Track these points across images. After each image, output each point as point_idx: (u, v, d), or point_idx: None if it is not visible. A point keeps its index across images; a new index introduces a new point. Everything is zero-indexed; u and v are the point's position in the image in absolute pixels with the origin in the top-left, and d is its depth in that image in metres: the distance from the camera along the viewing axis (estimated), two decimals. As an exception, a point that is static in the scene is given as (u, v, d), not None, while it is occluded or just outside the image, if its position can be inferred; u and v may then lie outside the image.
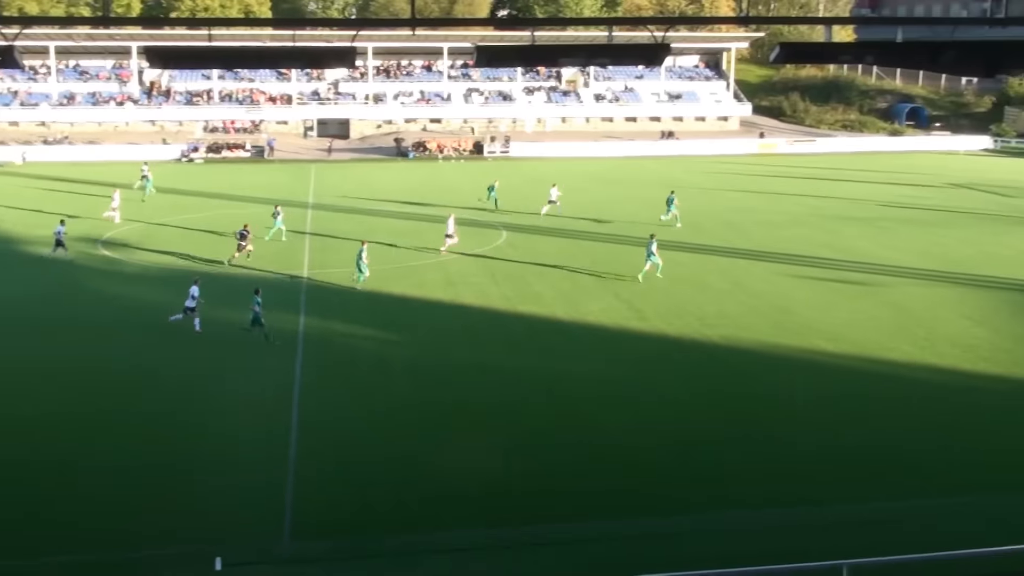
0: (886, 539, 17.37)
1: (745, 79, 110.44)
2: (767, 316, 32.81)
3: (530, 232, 47.40)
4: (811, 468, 21.15)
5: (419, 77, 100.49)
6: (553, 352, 29.25)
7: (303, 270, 39.10)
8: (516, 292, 35.95)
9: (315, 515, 18.94)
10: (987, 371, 27.46)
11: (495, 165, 76.99)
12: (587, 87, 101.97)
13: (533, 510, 19.11)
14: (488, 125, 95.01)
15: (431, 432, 23.03)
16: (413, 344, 30.01)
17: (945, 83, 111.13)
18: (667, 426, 23.50)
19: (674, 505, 19.35)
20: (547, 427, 23.40)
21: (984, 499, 19.63)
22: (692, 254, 42.40)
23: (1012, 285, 37.29)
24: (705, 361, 28.55)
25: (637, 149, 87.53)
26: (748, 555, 15.98)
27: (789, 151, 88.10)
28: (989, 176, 70.90)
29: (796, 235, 47.14)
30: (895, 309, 33.65)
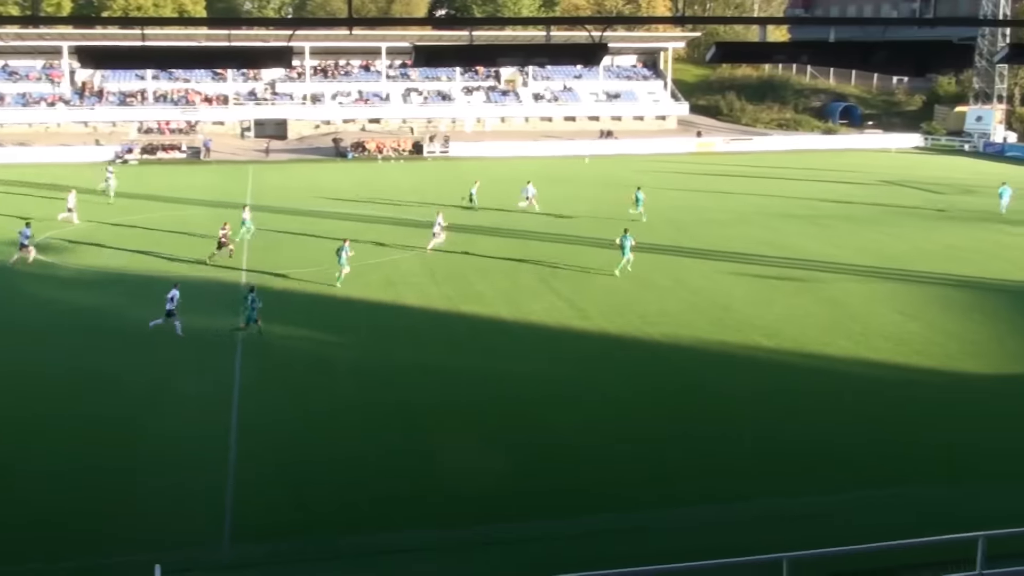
0: (823, 532, 17.64)
1: (682, 78, 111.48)
2: (707, 313, 33.16)
3: (471, 231, 47.39)
4: (750, 463, 21.43)
5: (357, 77, 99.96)
6: (496, 352, 29.29)
7: (241, 271, 38.67)
8: (457, 292, 35.93)
9: (256, 518, 18.76)
10: (920, 364, 28.02)
11: (444, 164, 76.82)
12: (526, 87, 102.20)
13: (479, 510, 19.11)
14: (427, 125, 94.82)
15: (374, 433, 22.94)
16: (354, 345, 29.86)
17: (877, 82, 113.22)
18: (611, 424, 23.64)
19: (619, 503, 19.47)
20: (491, 427, 23.44)
21: (916, 491, 20.03)
22: (633, 252, 42.64)
23: (943, 280, 38.09)
24: (647, 359, 28.78)
25: (576, 148, 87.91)
26: (690, 551, 16.12)
27: (726, 150, 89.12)
28: (920, 173, 72.31)
29: (736, 233, 47.69)
30: (831, 305, 34.21)
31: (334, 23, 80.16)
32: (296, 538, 18.03)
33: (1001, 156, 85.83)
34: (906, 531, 16.49)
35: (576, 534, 18.17)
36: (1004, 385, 26.48)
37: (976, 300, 35.11)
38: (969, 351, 29.17)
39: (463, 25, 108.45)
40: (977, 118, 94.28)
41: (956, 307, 34.05)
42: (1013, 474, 20.86)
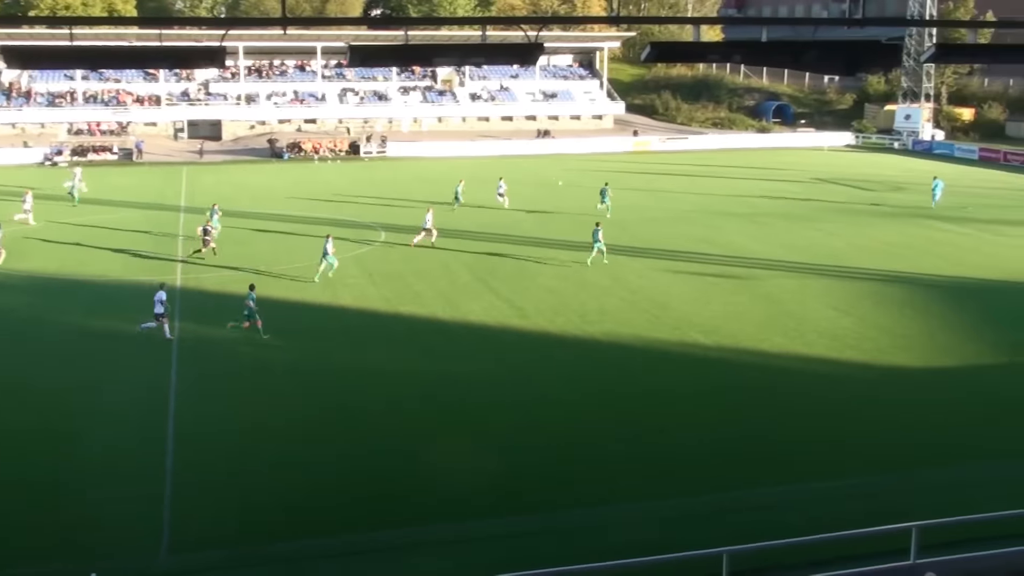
0: (762, 526, 17.86)
1: (618, 78, 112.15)
2: (646, 311, 33.39)
3: (409, 231, 47.18)
4: (689, 460, 21.62)
5: (292, 77, 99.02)
6: (435, 353, 29.20)
7: (176, 275, 38.11)
8: (396, 293, 35.76)
9: (195, 526, 18.49)
10: (853, 359, 28.50)
11: (381, 165, 76.41)
12: (463, 86, 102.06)
13: (418, 511, 19.04)
14: (364, 125, 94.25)
15: (314, 437, 22.73)
16: (292, 348, 29.57)
17: (809, 81, 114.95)
18: (551, 424, 23.69)
19: (562, 502, 19.52)
20: (431, 429, 23.35)
21: (851, 483, 20.35)
22: (571, 251, 42.83)
23: (876, 276, 38.77)
24: (587, 357, 28.89)
25: (514, 148, 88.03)
26: (632, 547, 16.22)
27: (662, 148, 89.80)
28: (851, 171, 73.53)
29: (673, 231, 48.07)
30: (767, 301, 34.64)
31: (268, 23, 79.41)
32: (236, 545, 17.80)
33: (929, 153, 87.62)
34: (843, 523, 16.76)
35: (517, 533, 18.18)
36: (934, 377, 27.04)
37: (908, 295, 35.78)
38: (901, 345, 29.72)
39: (399, 25, 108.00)
40: (906, 116, 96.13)
41: (888, 302, 34.67)
42: (943, 464, 21.28)
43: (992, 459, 21.57)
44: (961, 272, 39.47)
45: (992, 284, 37.72)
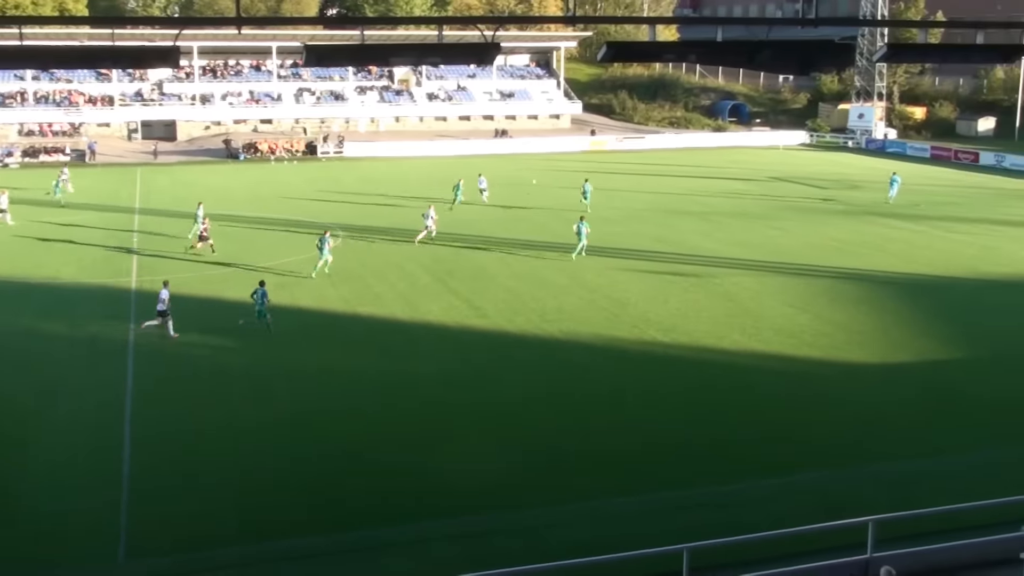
0: (722, 521, 17.99)
1: (575, 78, 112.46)
2: (604, 309, 33.50)
3: (367, 232, 47.04)
4: (648, 456, 21.71)
5: (248, 77, 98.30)
6: (394, 353, 29.11)
7: (131, 278, 37.68)
8: (354, 293, 35.61)
9: (153, 533, 18.27)
10: (810, 356, 28.78)
11: (338, 165, 75.98)
12: (420, 86, 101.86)
13: (376, 513, 18.96)
14: (321, 125, 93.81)
15: (271, 440, 22.55)
16: (250, 350, 29.34)
17: (764, 81, 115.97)
18: (510, 423, 23.70)
19: (521, 501, 19.53)
20: (389, 429, 23.26)
21: (808, 478, 20.56)
22: (530, 250, 42.90)
23: (831, 273, 39.19)
24: (546, 356, 28.93)
25: (472, 148, 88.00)
26: (590, 544, 16.27)
27: (619, 148, 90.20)
28: (806, 169, 74.27)
29: (631, 230, 48.26)
30: (725, 299, 34.89)
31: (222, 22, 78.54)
32: (194, 550, 17.63)
33: (882, 152, 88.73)
34: (800, 518, 16.90)
35: (476, 533, 18.18)
36: (889, 373, 27.38)
37: (863, 292, 36.21)
38: (856, 341, 30.06)
39: (354, 24, 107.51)
40: (859, 115, 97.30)
41: (844, 299, 35.05)
42: (898, 459, 21.55)
43: (945, 453, 21.87)
44: (914, 269, 40.00)
45: (944, 280, 38.26)
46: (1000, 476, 20.12)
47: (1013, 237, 46.95)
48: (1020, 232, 48.29)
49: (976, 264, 40.85)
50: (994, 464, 21.12)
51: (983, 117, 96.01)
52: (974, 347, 29.77)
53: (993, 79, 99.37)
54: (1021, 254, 42.94)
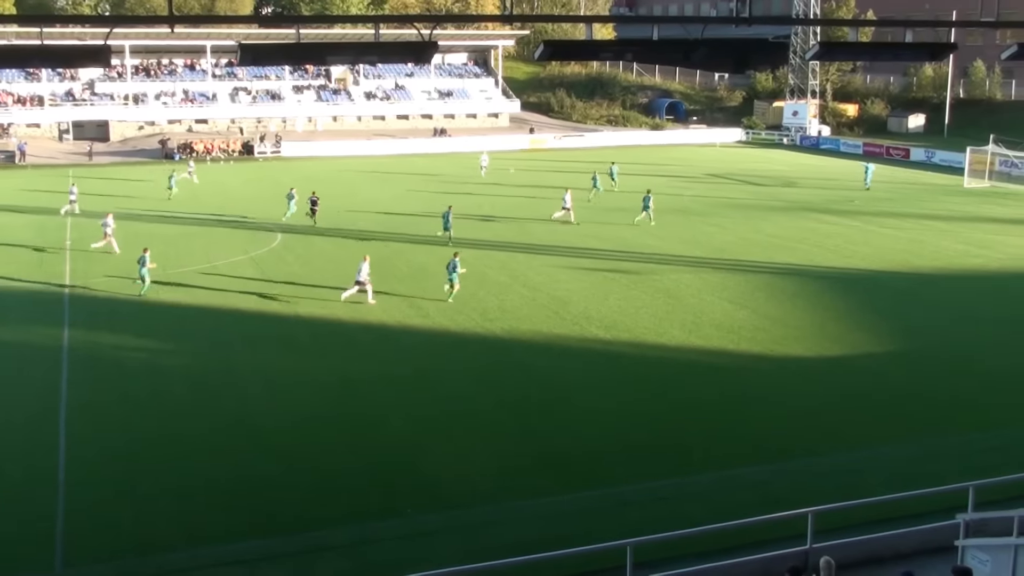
0: (665, 516, 18.12)
1: (513, 76, 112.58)
2: (546, 307, 33.59)
3: (306, 233, 46.64)
4: (590, 453, 21.81)
5: (182, 76, 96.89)
6: (335, 354, 28.91)
7: (64, 281, 36.95)
8: (295, 295, 35.27)
9: (90, 540, 17.95)
10: (749, 350, 29.13)
11: (276, 165, 75.28)
12: (357, 85, 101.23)
13: (317, 516, 18.80)
14: (257, 125, 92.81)
15: (210, 445, 22.26)
16: (189, 353, 28.96)
17: (700, 79, 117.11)
18: (453, 423, 23.66)
19: (461, 499, 19.51)
20: (332, 430, 23.11)
21: (749, 471, 20.79)
22: (471, 249, 42.85)
23: (768, 269, 39.70)
24: (488, 355, 28.94)
25: (411, 147, 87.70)
26: (539, 541, 16.32)
27: (558, 146, 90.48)
28: (742, 166, 75.13)
29: (571, 227, 48.42)
30: (665, 296, 35.16)
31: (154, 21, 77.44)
32: (132, 557, 17.35)
33: (816, 149, 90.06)
34: (741, 511, 17.09)
35: (418, 533, 18.13)
36: (826, 366, 27.82)
37: (800, 287, 36.73)
38: (793, 336, 30.49)
39: (290, 23, 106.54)
40: (793, 113, 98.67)
41: (781, 295, 35.53)
42: (836, 450, 21.90)
43: (881, 443, 22.26)
44: (848, 263, 40.68)
45: (877, 274, 38.96)
46: (934, 466, 20.54)
47: (942, 231, 47.96)
48: (949, 226, 49.35)
49: (907, 258, 41.64)
50: (928, 454, 21.55)
51: (913, 114, 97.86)
52: (906, 340, 30.35)
53: (922, 77, 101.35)
54: (950, 248, 43.88)
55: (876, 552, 15.78)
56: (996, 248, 43.83)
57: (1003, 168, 66.09)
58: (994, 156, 65.84)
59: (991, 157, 65.79)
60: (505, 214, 52.18)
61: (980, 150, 66.34)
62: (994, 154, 65.76)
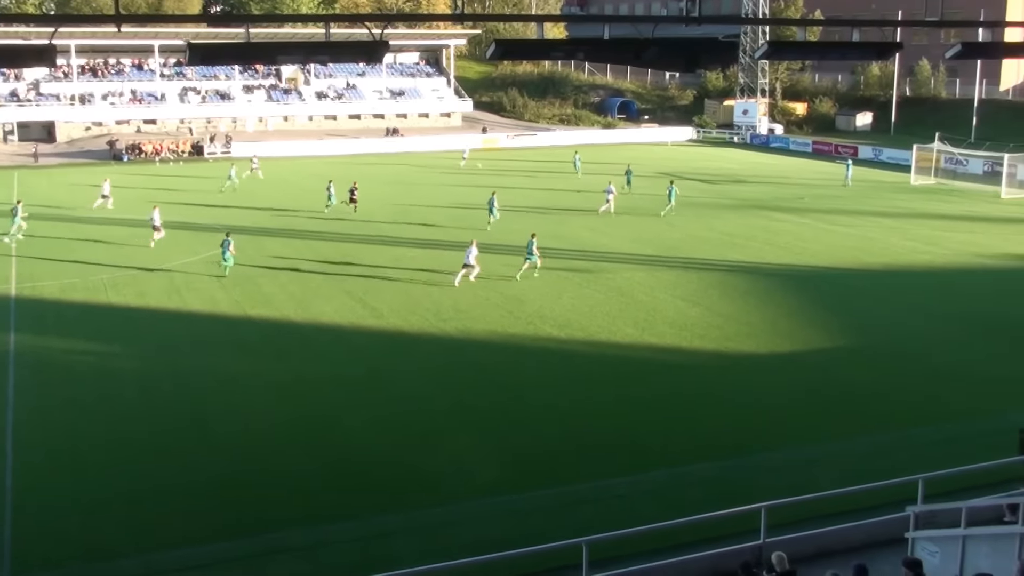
0: (619, 514, 18.20)
1: (465, 76, 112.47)
2: (500, 307, 33.59)
3: (256, 234, 46.26)
4: (545, 451, 21.84)
5: (130, 76, 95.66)
6: (288, 355, 28.70)
7: (10, 284, 36.31)
8: (246, 296, 34.99)
9: (39, 547, 17.65)
10: (701, 347, 29.34)
11: (226, 166, 74.55)
12: (308, 85, 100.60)
13: (272, 518, 18.66)
14: (207, 125, 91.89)
15: (162, 449, 21.98)
16: (139, 357, 28.60)
17: (651, 78, 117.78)
18: (408, 422, 23.57)
19: (420, 500, 19.45)
20: (285, 432, 22.92)
21: (702, 467, 20.93)
22: (424, 248, 42.79)
23: (720, 266, 40.02)
24: (443, 355, 28.88)
25: (363, 147, 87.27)
26: (489, 541, 16.30)
27: (511, 145, 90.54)
28: (694, 165, 75.64)
29: (523, 226, 48.34)
30: (618, 294, 35.31)
31: (100, 20, 76.65)
32: (85, 563, 17.10)
33: (766, 147, 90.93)
34: (695, 507, 17.20)
35: (373, 534, 18.05)
36: (777, 363, 28.08)
37: (751, 284, 37.05)
38: (746, 333, 30.76)
39: (239, 22, 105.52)
40: (744, 111, 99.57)
41: (733, 292, 35.82)
42: (787, 446, 22.11)
43: (832, 439, 22.51)
44: (799, 260, 41.12)
45: (827, 271, 39.42)
46: (884, 460, 20.80)
47: (890, 228, 48.63)
48: (897, 223, 50.05)
49: (857, 255, 42.17)
50: (879, 448, 21.83)
51: (861, 112, 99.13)
52: (855, 336, 30.74)
53: (869, 75, 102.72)
54: (898, 244, 44.51)
55: (828, 545, 15.95)
56: (943, 244, 44.54)
57: (948, 165, 67.16)
58: (939, 154, 66.86)
59: (936, 155, 66.81)
60: (458, 214, 52.07)
61: (926, 148, 67.34)
62: (939, 152, 66.79)
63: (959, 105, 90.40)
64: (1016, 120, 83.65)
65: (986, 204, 56.86)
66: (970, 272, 39.44)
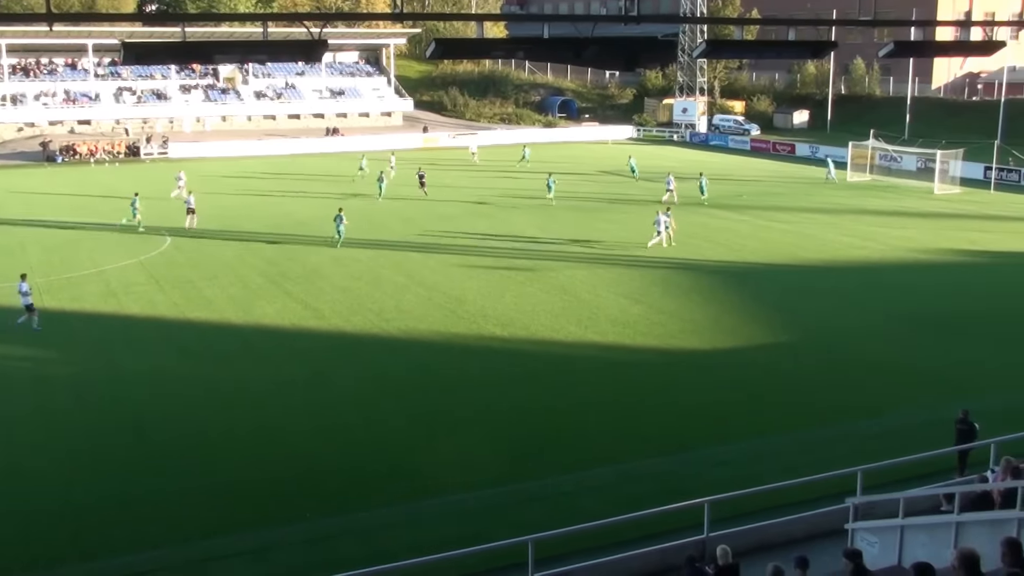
0: (564, 511, 18.25)
1: (406, 75, 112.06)
2: (442, 306, 33.53)
3: (196, 236, 45.69)
4: (490, 451, 21.85)
5: (63, 76, 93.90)
6: (229, 358, 28.38)
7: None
8: (185, 299, 34.53)
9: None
10: (644, 345, 29.55)
11: (163, 166, 73.48)
12: (247, 84, 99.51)
13: (213, 524, 18.44)
14: (143, 126, 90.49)
15: (101, 455, 21.62)
16: (75, 362, 28.09)
17: (591, 77, 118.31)
18: (351, 424, 23.45)
19: (363, 503, 19.34)
20: (225, 437, 22.65)
21: (646, 464, 21.07)
22: (366, 249, 42.56)
23: (662, 264, 40.29)
24: (386, 356, 28.75)
25: (303, 147, 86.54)
26: (434, 542, 16.26)
27: (452, 144, 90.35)
28: (636, 163, 75.96)
29: (466, 226, 48.41)
30: (561, 292, 35.42)
31: (32, 19, 75.01)
32: (24, 575, 16.77)
33: (705, 145, 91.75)
34: (640, 503, 17.32)
35: (317, 537, 17.92)
36: (720, 359, 28.36)
37: (692, 282, 37.37)
38: (688, 329, 31.03)
39: (175, 21, 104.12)
40: (683, 110, 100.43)
41: (675, 289, 36.10)
42: (731, 441, 22.35)
43: (774, 433, 22.79)
44: (739, 257, 41.56)
45: (767, 267, 39.91)
46: (825, 453, 21.10)
47: (827, 224, 49.36)
48: (833, 219, 50.81)
49: (795, 251, 42.74)
50: (819, 441, 22.14)
51: (798, 110, 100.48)
52: (796, 331, 31.14)
53: (806, 74, 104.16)
54: (836, 240, 45.18)
55: (770, 538, 16.17)
56: (879, 239, 45.30)
57: (883, 162, 68.32)
58: (874, 151, 67.99)
59: (872, 152, 67.94)
60: (395, 212, 51.87)
61: (861, 145, 68.43)
62: (874, 149, 67.92)
63: (893, 103, 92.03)
64: (948, 117, 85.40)
65: (919, 200, 57.97)
66: (905, 267, 40.17)
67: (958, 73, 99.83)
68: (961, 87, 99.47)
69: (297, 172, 70.49)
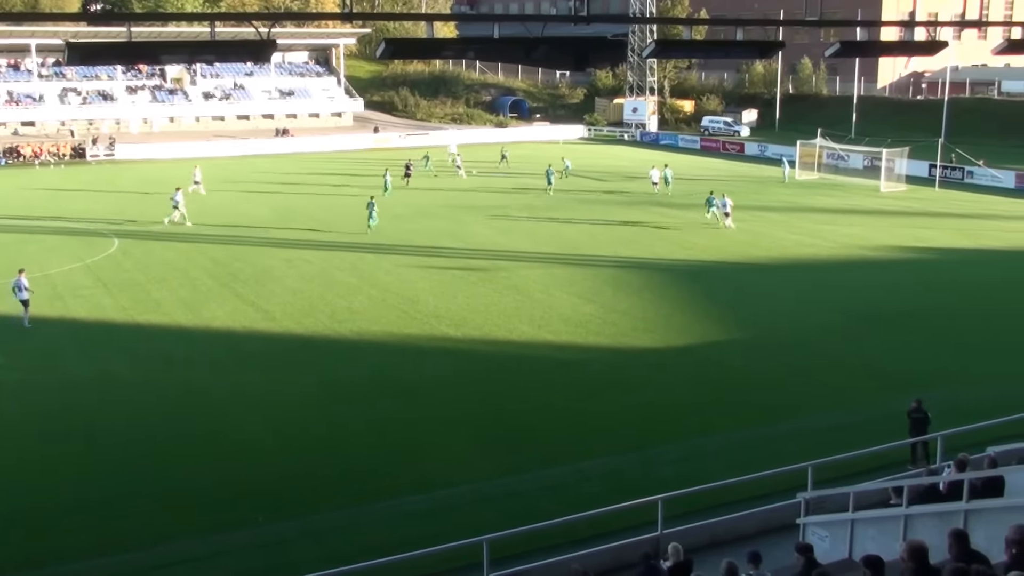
0: (520, 510, 18.26)
1: (356, 75, 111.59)
2: (395, 307, 33.41)
3: (145, 238, 45.11)
4: (447, 450, 21.82)
5: (5, 77, 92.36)
6: (178, 362, 28.05)
7: None
8: (133, 302, 34.08)
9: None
10: (597, 343, 29.66)
11: (109, 168, 72.48)
12: (194, 85, 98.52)
13: (166, 528, 18.24)
14: (89, 127, 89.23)
15: (46, 461, 21.28)
16: (18, 367, 27.61)
17: (542, 77, 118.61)
18: (301, 427, 23.28)
19: (311, 506, 19.19)
20: (175, 443, 22.37)
21: (600, 462, 21.14)
22: (317, 251, 42.30)
23: (614, 263, 40.48)
24: (338, 357, 28.58)
25: (252, 148, 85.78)
26: (387, 544, 16.19)
27: (403, 144, 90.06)
28: (586, 162, 76.25)
29: (419, 227, 48.29)
30: (514, 292, 35.44)
31: (-26, 18, 73.86)
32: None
33: (656, 144, 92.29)
34: (594, 501, 17.40)
35: (272, 541, 17.80)
36: (672, 357, 28.55)
37: (645, 280, 37.58)
38: (641, 328, 31.19)
39: (121, 21, 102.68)
40: (633, 109, 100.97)
41: (628, 288, 36.28)
42: (683, 438, 22.50)
43: (726, 429, 22.98)
44: (691, 255, 41.84)
45: (718, 265, 40.21)
46: (776, 448, 21.31)
47: (776, 222, 49.87)
48: (783, 217, 51.35)
49: (746, 249, 43.11)
50: (770, 437, 22.35)
51: (747, 109, 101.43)
52: (747, 328, 31.44)
53: (754, 74, 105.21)
54: (785, 238, 45.66)
55: (723, 534, 16.31)
56: (827, 237, 45.86)
57: (830, 160, 69.13)
58: (822, 149, 68.79)
59: (819, 150, 68.73)
60: (346, 213, 51.63)
61: (809, 143, 69.20)
62: (822, 147, 68.71)
63: (840, 102, 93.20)
64: (894, 116, 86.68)
65: (866, 197, 58.76)
66: (853, 264, 40.70)
67: (903, 73, 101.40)
68: (906, 86, 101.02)
69: (247, 174, 69.83)
